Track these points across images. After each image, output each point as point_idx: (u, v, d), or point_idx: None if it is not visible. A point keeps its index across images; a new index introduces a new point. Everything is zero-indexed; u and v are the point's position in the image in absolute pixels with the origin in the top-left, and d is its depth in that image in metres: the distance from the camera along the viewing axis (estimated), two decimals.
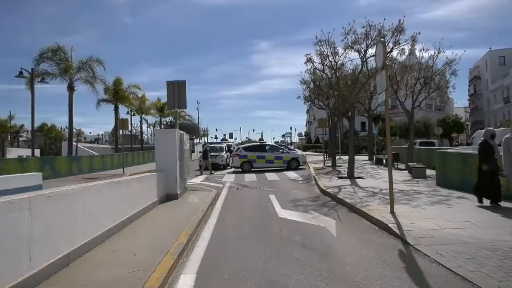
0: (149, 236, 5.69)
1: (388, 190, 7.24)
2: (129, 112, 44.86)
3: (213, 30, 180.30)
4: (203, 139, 69.16)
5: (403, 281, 3.83)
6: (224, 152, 24.43)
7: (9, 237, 3.27)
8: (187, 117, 60.50)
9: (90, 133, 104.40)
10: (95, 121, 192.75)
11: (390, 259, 4.61)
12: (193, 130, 58.88)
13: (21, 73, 20.09)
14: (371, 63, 15.98)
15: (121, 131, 23.75)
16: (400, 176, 13.91)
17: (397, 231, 5.66)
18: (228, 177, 17.11)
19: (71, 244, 4.38)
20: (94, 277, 3.86)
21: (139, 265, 4.24)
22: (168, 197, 9.60)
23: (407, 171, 15.31)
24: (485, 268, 3.97)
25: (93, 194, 5.16)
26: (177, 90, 11.19)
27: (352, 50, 14.42)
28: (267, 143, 26.61)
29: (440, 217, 6.49)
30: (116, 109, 38.60)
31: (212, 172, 19.67)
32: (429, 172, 13.72)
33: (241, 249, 5.21)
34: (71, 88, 27.94)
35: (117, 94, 37.20)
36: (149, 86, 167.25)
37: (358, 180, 13.03)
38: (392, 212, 6.88)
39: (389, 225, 6.01)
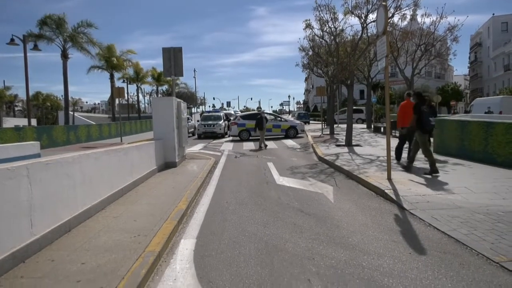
0: (149, 203, 5.75)
1: (385, 157, 7.29)
2: (125, 81, 44.25)
3: None
4: (201, 108, 68.72)
5: (398, 244, 3.93)
6: (222, 120, 24.42)
7: (9, 203, 3.28)
8: (181, 85, 59.85)
9: (87, 102, 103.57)
10: (91, 90, 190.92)
11: (386, 223, 4.70)
12: (190, 98, 58.39)
13: (12, 40, 19.53)
14: (372, 29, 15.63)
15: (117, 99, 23.52)
16: None
17: (393, 197, 5.75)
18: (227, 146, 17.16)
19: (72, 211, 4.43)
20: (95, 243, 3.93)
21: (140, 230, 4.31)
22: (167, 165, 9.66)
23: None
24: (478, 231, 4.07)
25: (91, 161, 5.15)
26: (173, 56, 10.93)
27: (353, 15, 14.04)
28: (265, 111, 26.48)
29: (436, 183, 6.57)
30: (111, 77, 38.00)
31: (265, 145, 15.75)
32: None
33: (240, 215, 5.29)
34: (65, 56, 27.36)
35: (111, 61, 36.45)
36: (144, 54, 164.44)
37: (355, 148, 13.09)
38: (389, 178, 6.95)
39: (385, 191, 6.09)
